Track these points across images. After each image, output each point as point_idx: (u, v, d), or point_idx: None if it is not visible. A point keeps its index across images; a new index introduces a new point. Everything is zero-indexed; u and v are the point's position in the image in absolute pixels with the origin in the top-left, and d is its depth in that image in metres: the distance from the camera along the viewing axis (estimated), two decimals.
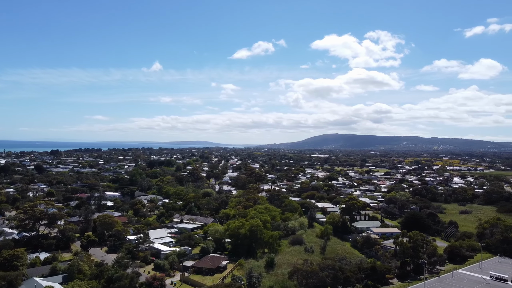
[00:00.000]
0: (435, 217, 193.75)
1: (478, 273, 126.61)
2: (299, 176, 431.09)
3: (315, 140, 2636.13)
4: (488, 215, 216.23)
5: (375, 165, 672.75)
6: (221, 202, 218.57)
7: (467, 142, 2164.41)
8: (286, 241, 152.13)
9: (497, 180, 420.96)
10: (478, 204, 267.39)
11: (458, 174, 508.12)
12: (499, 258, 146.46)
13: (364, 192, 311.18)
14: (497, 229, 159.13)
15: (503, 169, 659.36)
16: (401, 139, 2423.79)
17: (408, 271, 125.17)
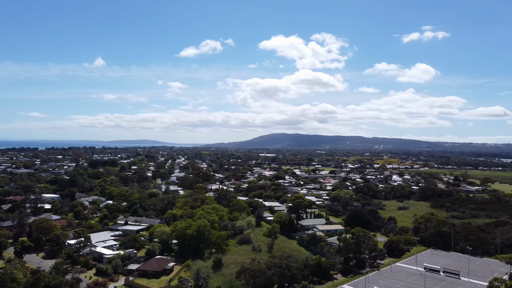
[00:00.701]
0: (376, 213, 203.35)
1: (414, 265, 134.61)
2: (247, 175, 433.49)
3: (263, 140, 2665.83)
4: (423, 211, 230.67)
5: (320, 164, 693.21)
6: (167, 202, 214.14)
7: (405, 141, 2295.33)
8: (233, 241, 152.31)
9: (431, 177, 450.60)
10: (414, 200, 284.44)
11: (397, 172, 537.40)
12: (432, 250, 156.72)
13: (310, 190, 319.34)
14: (430, 224, 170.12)
15: (436, 167, 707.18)
16: (345, 139, 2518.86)
17: (351, 266, 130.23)
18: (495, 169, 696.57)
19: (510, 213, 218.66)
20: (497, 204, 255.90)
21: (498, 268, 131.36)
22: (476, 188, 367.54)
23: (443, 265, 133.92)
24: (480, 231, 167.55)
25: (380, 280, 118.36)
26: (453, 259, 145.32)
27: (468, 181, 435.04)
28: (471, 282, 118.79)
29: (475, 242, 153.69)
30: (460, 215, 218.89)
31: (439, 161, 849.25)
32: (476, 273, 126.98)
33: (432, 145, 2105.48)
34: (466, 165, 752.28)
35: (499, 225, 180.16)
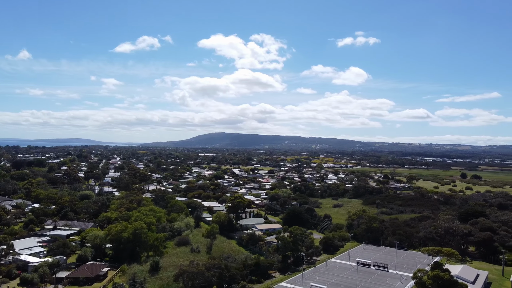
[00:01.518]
0: (312, 211, 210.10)
1: (348, 260, 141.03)
2: (186, 175, 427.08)
3: (202, 139, 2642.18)
4: (356, 208, 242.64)
5: (259, 163, 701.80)
6: (101, 204, 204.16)
7: (340, 141, 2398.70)
8: (172, 243, 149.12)
9: (363, 176, 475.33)
10: (348, 198, 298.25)
11: (332, 171, 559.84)
12: (364, 245, 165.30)
13: (249, 190, 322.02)
14: (362, 220, 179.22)
15: (368, 166, 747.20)
16: (283, 138, 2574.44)
17: (288, 264, 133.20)
18: (419, 167, 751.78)
19: (432, 208, 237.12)
20: (421, 200, 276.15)
21: (422, 259, 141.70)
22: (403, 186, 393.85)
23: (373, 259, 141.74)
24: (406, 226, 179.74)
25: (316, 276, 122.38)
26: (382, 253, 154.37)
27: (396, 179, 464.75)
28: (398, 274, 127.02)
29: (402, 236, 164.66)
30: (388, 211, 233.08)
31: (371, 160, 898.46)
32: (402, 265, 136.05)
33: (364, 145, 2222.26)
34: (394, 164, 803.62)
35: (423, 219, 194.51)
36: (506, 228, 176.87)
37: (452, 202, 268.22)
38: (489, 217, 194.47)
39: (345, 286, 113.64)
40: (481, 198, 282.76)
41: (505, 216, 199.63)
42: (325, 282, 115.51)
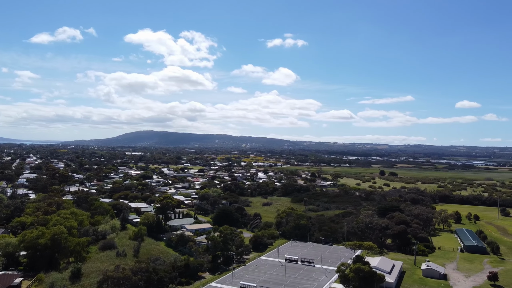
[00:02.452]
0: (242, 210, 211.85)
1: (276, 257, 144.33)
2: (111, 175, 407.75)
3: (129, 137, 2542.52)
4: (285, 206, 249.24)
5: (189, 163, 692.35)
6: (14, 208, 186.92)
7: (270, 140, 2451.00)
8: (95, 247, 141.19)
9: (292, 174, 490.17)
10: (278, 196, 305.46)
11: (262, 169, 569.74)
12: (292, 242, 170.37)
13: (179, 189, 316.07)
14: (291, 218, 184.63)
15: (296, 164, 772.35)
16: (214, 137, 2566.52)
17: (218, 264, 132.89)
18: (343, 165, 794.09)
19: (355, 204, 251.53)
20: (345, 196, 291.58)
21: (345, 253, 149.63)
22: (328, 183, 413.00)
23: (301, 255, 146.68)
24: (331, 222, 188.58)
25: (246, 275, 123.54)
26: (309, 248, 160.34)
27: (323, 176, 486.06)
28: (324, 268, 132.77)
29: (327, 232, 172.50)
30: (315, 208, 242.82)
31: (299, 159, 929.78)
32: (327, 259, 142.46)
33: (293, 144, 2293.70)
34: (321, 162, 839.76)
35: (346, 215, 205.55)
36: (417, 221, 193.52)
37: (372, 198, 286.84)
38: (404, 211, 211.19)
39: (274, 283, 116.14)
40: (397, 194, 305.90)
41: (417, 210, 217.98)
42: (254, 280, 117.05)
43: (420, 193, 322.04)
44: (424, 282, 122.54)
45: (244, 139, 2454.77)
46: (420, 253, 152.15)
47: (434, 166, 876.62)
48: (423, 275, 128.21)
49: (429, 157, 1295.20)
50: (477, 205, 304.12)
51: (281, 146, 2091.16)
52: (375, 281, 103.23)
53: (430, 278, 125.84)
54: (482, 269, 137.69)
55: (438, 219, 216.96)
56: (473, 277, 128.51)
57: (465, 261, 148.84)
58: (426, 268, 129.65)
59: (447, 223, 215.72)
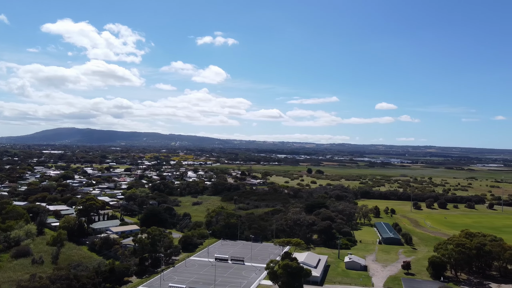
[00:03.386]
0: (171, 210, 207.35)
1: (206, 257, 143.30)
2: (26, 176, 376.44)
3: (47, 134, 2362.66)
4: (215, 205, 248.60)
5: (115, 162, 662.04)
6: None
7: (200, 138, 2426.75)
8: (7, 255, 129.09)
9: (222, 173, 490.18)
10: (208, 195, 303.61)
11: (192, 168, 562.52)
12: (222, 241, 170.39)
13: (103, 190, 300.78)
14: (221, 216, 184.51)
15: (226, 163, 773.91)
16: (141, 135, 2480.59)
17: (146, 266, 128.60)
18: (273, 164, 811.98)
19: (283, 201, 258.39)
20: (274, 194, 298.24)
21: (274, 250, 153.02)
22: (258, 181, 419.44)
23: (231, 253, 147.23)
24: (261, 220, 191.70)
25: (175, 276, 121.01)
26: (239, 247, 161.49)
27: (252, 175, 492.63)
28: (253, 265, 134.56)
29: (257, 229, 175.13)
30: (245, 206, 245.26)
31: (229, 157, 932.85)
32: (257, 257, 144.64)
33: (223, 142, 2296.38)
34: (251, 161, 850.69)
35: (275, 213, 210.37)
36: (341, 216, 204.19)
37: (300, 195, 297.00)
38: (329, 207, 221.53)
39: (204, 283, 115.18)
40: (323, 191, 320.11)
41: (341, 206, 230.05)
42: (183, 281, 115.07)
43: (344, 189, 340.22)
44: (347, 274, 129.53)
45: (174, 137, 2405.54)
46: (343, 246, 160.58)
47: (356, 164, 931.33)
48: (346, 268, 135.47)
49: (352, 155, 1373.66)
50: (394, 199, 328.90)
51: (212, 144, 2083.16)
52: (302, 276, 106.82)
53: (352, 270, 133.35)
54: (397, 259, 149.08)
55: (360, 214, 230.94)
56: (390, 267, 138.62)
57: (383, 252, 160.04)
58: (349, 261, 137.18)
59: (367, 217, 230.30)
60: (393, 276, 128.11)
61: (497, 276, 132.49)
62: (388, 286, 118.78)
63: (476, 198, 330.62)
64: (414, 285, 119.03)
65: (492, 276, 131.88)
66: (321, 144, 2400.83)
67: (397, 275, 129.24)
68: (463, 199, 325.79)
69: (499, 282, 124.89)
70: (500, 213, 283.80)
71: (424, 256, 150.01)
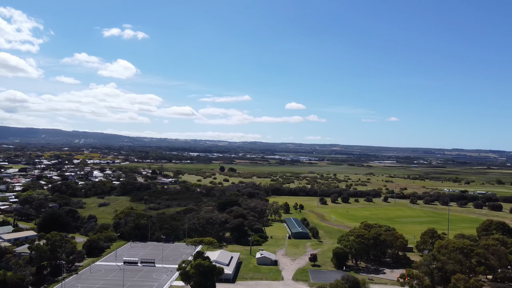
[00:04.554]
0: (75, 213, 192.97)
1: (114, 261, 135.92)
2: None
3: None
4: (124, 205, 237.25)
5: (7, 161, 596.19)
6: None
7: (107, 136, 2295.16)
8: None
9: (132, 172, 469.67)
10: (116, 196, 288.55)
11: (98, 167, 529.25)
12: (131, 243, 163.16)
13: None
14: (130, 218, 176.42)
15: (136, 161, 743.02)
16: (40, 132, 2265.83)
17: (45, 275, 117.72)
18: (185, 162, 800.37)
19: (196, 200, 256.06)
20: (186, 193, 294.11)
21: (186, 250, 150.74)
22: (170, 180, 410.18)
23: (141, 256, 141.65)
24: (172, 220, 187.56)
25: (78, 284, 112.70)
26: (150, 248, 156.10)
27: (164, 173, 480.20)
28: (165, 267, 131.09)
29: (168, 230, 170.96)
30: (156, 206, 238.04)
31: (139, 156, 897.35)
32: (169, 258, 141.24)
33: (133, 140, 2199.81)
34: (162, 159, 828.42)
35: (188, 212, 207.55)
36: (253, 213, 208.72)
37: (213, 193, 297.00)
38: (241, 205, 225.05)
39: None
40: (235, 189, 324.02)
41: (253, 203, 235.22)
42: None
43: (256, 187, 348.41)
44: (258, 269, 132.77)
45: (78, 134, 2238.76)
46: (255, 243, 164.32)
47: (268, 161, 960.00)
48: (257, 263, 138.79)
49: (264, 153, 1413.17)
50: (302, 196, 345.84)
51: (120, 142, 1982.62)
52: (215, 274, 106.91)
53: (263, 265, 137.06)
54: (305, 252, 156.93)
55: (271, 210, 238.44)
56: (298, 260, 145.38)
57: (292, 246, 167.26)
58: (260, 257, 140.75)
59: (278, 213, 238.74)
60: (301, 269, 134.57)
61: (391, 262, 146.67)
62: (296, 278, 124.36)
63: (373, 192, 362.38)
64: (320, 276, 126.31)
65: (386, 263, 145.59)
66: (234, 142, 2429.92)
67: (305, 267, 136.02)
68: (363, 193, 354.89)
69: (392, 268, 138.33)
70: (393, 205, 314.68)
71: (329, 248, 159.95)
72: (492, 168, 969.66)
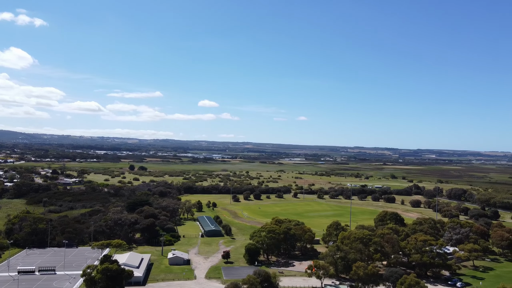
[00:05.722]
0: None
1: (6, 271, 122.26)
2: None
3: None
4: (19, 209, 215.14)
5: None
6: None
7: None
8: None
9: (28, 172, 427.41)
10: (8, 199, 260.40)
11: None
12: (27, 250, 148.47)
13: None
14: (26, 222, 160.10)
15: (34, 160, 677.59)
16: None
17: None
18: (91, 161, 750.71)
19: (103, 201, 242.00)
20: (92, 194, 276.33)
21: (92, 254, 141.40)
22: (73, 180, 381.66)
23: (39, 264, 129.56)
24: (76, 222, 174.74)
25: None
26: (49, 255, 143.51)
27: (66, 173, 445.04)
28: (67, 274, 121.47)
29: (72, 234, 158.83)
30: (58, 209, 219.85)
31: (37, 154, 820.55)
32: (72, 264, 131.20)
33: (29, 137, 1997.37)
34: (65, 158, 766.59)
35: (93, 213, 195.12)
36: (165, 213, 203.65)
37: (122, 193, 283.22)
38: (152, 204, 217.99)
39: None
40: (146, 188, 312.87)
41: (165, 202, 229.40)
42: None
43: (168, 185, 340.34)
44: (170, 270, 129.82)
45: None
46: (167, 243, 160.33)
47: (180, 159, 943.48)
48: (169, 264, 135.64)
49: (176, 151, 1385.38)
50: (215, 193, 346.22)
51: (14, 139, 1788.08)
52: (124, 278, 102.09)
53: (176, 265, 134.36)
54: (218, 250, 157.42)
55: (183, 209, 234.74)
56: (211, 258, 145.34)
57: (205, 244, 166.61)
58: (172, 257, 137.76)
59: (191, 212, 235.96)
60: (214, 266, 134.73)
61: (300, 255, 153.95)
62: (209, 276, 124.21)
63: (284, 189, 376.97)
64: (233, 272, 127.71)
65: (295, 256, 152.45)
66: (145, 140, 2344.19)
67: (218, 265, 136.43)
68: (274, 190, 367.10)
69: (301, 260, 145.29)
70: (302, 200, 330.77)
71: (241, 244, 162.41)
72: (387, 164, 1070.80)
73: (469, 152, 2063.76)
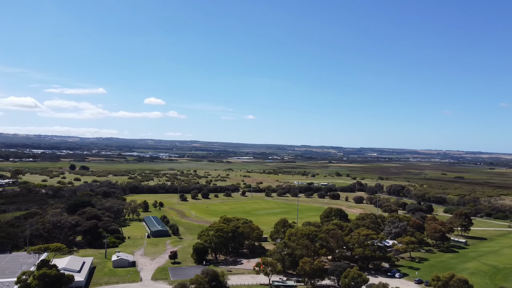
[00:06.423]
0: None
1: None
2: None
3: None
4: None
5: None
6: None
7: None
8: None
9: None
10: None
11: None
12: None
13: None
14: None
15: None
16: None
17: None
18: (26, 160, 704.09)
19: (40, 203, 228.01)
20: (27, 195, 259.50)
21: (28, 260, 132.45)
22: (6, 181, 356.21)
23: None
24: (9, 226, 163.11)
25: None
26: None
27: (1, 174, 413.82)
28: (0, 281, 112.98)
29: (5, 238, 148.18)
30: None
31: None
32: (4, 271, 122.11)
33: None
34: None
35: (29, 216, 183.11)
36: (109, 213, 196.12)
37: (61, 194, 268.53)
38: (95, 205, 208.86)
39: None
40: (88, 188, 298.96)
41: (109, 203, 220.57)
42: None
43: (112, 185, 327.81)
44: (114, 273, 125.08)
45: None
46: (111, 245, 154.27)
47: (125, 158, 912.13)
48: (113, 267, 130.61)
49: (120, 150, 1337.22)
50: (162, 193, 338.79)
51: None
52: (63, 283, 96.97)
53: (120, 268, 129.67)
54: (165, 250, 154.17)
55: (129, 209, 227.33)
56: (158, 259, 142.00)
57: (151, 245, 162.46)
58: (117, 259, 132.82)
59: (136, 212, 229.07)
60: (161, 267, 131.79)
61: (248, 253, 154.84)
62: (156, 277, 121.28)
63: (232, 187, 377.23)
64: (180, 272, 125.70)
65: (244, 254, 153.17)
66: (87, 138, 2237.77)
67: (165, 266, 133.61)
68: (222, 188, 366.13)
69: (249, 258, 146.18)
70: (250, 198, 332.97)
71: (189, 244, 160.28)
72: (332, 162, 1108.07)
73: (407, 150, 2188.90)
